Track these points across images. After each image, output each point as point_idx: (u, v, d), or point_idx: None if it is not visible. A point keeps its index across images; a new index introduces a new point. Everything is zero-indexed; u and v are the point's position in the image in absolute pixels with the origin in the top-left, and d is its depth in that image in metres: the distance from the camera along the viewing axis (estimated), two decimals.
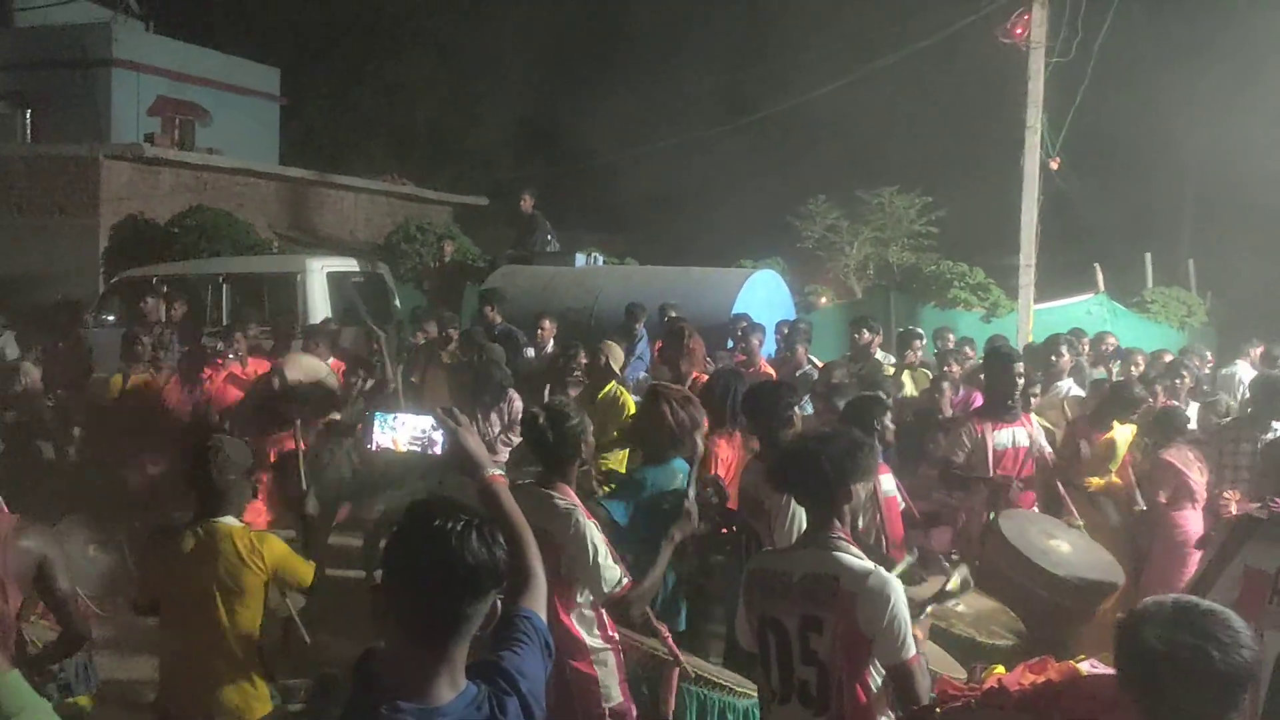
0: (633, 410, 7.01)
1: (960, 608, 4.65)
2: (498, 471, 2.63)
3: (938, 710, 2.92)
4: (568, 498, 3.86)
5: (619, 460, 7.00)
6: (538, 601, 2.39)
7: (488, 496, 2.54)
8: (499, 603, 2.09)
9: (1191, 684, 2.07)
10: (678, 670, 3.95)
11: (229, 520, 3.91)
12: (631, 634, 3.99)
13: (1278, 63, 16.18)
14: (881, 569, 3.19)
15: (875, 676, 3.16)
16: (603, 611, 3.86)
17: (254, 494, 4.11)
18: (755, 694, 3.81)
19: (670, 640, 3.99)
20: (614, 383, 7.49)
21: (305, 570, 4.05)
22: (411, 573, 2.01)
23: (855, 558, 3.20)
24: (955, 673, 4.05)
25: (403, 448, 3.05)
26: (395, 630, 2.02)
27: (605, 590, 3.73)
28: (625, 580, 3.76)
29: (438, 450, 2.88)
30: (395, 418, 3.03)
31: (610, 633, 3.88)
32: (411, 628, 2.02)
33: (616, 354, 7.62)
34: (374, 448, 3.17)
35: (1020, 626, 4.69)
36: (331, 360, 9.26)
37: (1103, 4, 12.07)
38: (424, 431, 2.77)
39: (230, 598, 3.83)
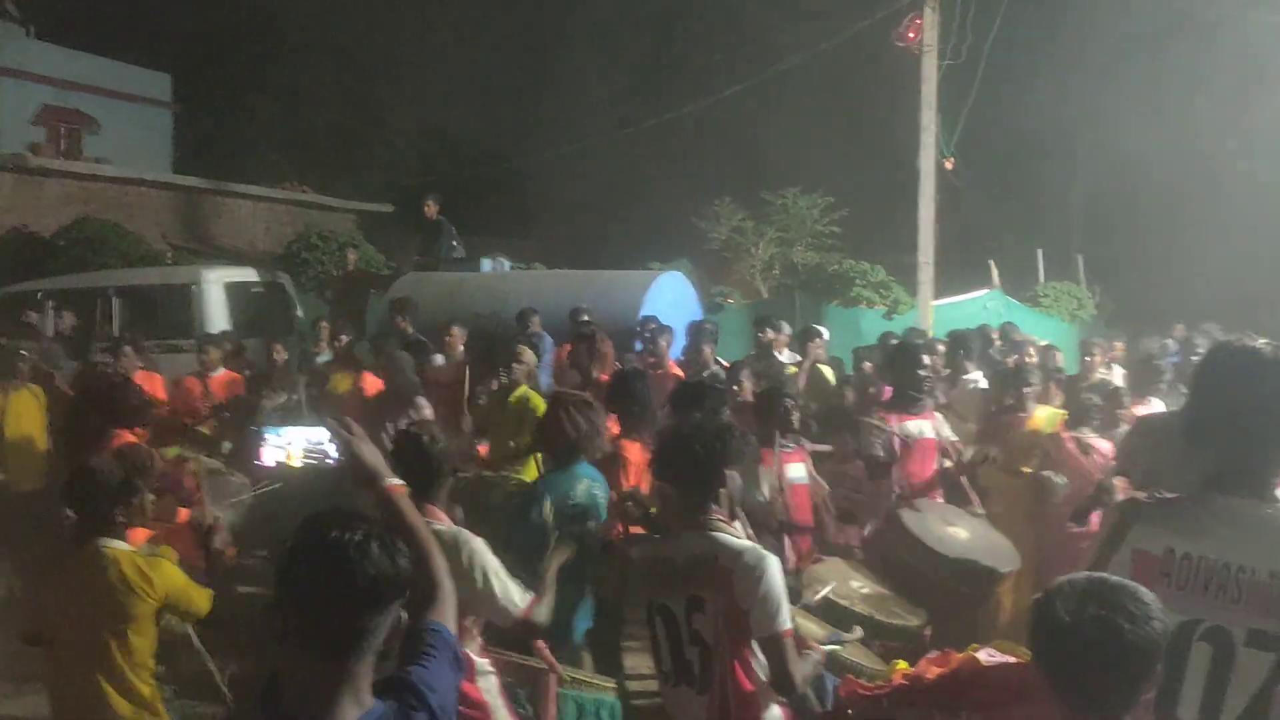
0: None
1: (865, 590, 4.77)
2: (396, 481, 2.55)
3: (849, 712, 2.96)
4: (445, 523, 3.74)
5: (532, 466, 6.97)
6: (445, 614, 2.32)
7: (388, 506, 2.46)
8: (403, 615, 2.04)
9: (1102, 656, 2.09)
10: (554, 678, 3.93)
11: (114, 544, 3.75)
12: (502, 650, 3.92)
13: (1161, 64, 16.90)
14: (758, 546, 3.31)
15: (759, 659, 3.22)
16: (480, 632, 3.76)
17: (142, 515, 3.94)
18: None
19: (545, 650, 3.94)
20: (524, 387, 7.42)
21: (200, 599, 3.86)
22: (307, 587, 1.94)
23: (732, 536, 3.32)
24: (872, 663, 4.12)
25: (296, 461, 2.94)
26: (293, 650, 1.95)
27: (511, 611, 3.63)
28: (529, 596, 3.69)
29: (331, 462, 2.78)
30: (284, 432, 2.90)
31: (485, 654, 3.79)
32: (310, 646, 1.95)
33: (528, 357, 7.55)
34: (265, 464, 3.03)
35: (919, 609, 4.79)
36: (222, 371, 9.01)
37: (992, 9, 12.46)
38: (317, 443, 2.68)
39: (120, 625, 3.67)
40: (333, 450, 2.42)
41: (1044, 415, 6.97)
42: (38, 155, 17.59)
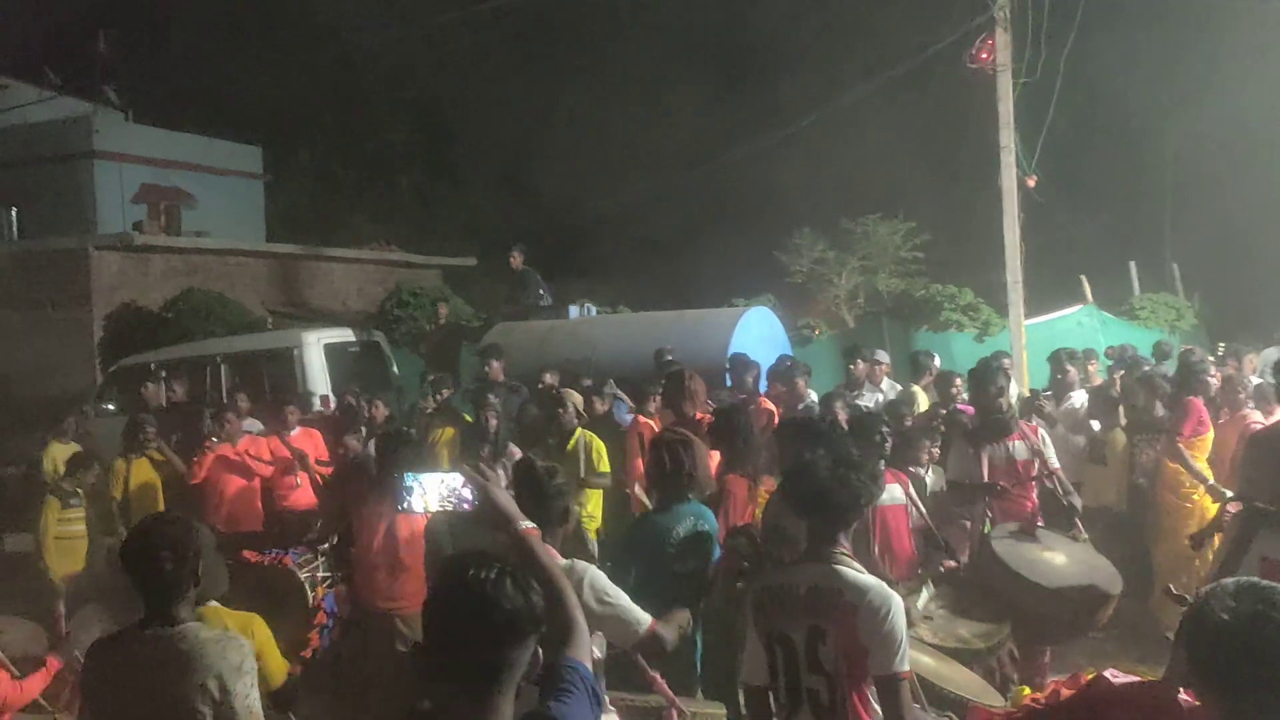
0: (602, 453, 7.69)
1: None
2: (529, 524, 2.65)
3: None
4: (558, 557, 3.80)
5: (595, 499, 7.67)
6: (582, 651, 2.39)
7: (522, 549, 2.58)
8: (540, 651, 2.12)
9: (1260, 653, 2.07)
10: (675, 713, 3.93)
11: (210, 605, 3.61)
12: (619, 694, 3.90)
13: (1254, 63, 16.44)
14: (884, 584, 3.31)
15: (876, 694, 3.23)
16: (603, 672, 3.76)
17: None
18: None
19: (663, 684, 3.93)
20: (579, 429, 7.87)
21: (278, 668, 3.81)
22: (449, 624, 2.05)
23: (857, 572, 3.33)
24: (991, 699, 4.06)
25: (433, 508, 2.99)
26: (440, 686, 2.05)
27: (636, 628, 3.60)
28: (649, 620, 3.67)
29: (467, 507, 2.86)
30: (422, 478, 2.94)
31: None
32: (455, 680, 2.05)
33: (576, 400, 8.02)
34: (409, 509, 3.08)
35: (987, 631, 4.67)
36: (298, 430, 9.25)
37: (1066, 22, 12.29)
38: (452, 489, 2.76)
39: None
40: (468, 495, 2.53)
41: None
42: (140, 233, 18.42)
